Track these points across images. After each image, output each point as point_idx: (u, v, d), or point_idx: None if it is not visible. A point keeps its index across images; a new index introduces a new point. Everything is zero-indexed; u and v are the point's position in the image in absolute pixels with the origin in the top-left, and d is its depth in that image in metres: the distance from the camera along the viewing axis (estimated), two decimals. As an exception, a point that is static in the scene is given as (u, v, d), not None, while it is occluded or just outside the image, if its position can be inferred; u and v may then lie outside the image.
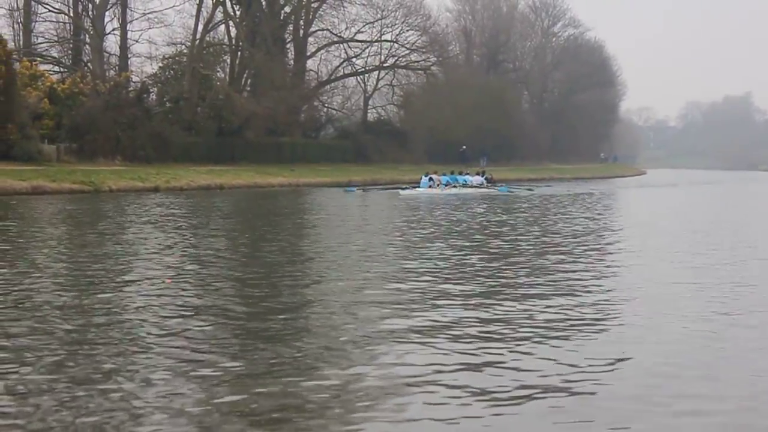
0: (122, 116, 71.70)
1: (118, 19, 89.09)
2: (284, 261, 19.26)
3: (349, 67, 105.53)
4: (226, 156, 77.69)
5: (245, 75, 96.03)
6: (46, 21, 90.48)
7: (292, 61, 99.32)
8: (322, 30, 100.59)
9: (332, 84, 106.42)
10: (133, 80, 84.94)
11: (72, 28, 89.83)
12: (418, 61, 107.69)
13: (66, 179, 53.39)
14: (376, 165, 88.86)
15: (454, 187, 63.21)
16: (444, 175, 65.55)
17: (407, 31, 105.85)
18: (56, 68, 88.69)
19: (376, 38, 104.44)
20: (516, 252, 21.95)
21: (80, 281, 15.67)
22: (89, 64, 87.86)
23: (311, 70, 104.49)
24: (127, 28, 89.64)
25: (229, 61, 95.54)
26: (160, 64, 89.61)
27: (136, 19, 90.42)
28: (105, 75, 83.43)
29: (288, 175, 73.81)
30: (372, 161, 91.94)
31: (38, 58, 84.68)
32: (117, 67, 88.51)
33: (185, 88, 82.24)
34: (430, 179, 61.81)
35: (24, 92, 68.01)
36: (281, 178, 71.83)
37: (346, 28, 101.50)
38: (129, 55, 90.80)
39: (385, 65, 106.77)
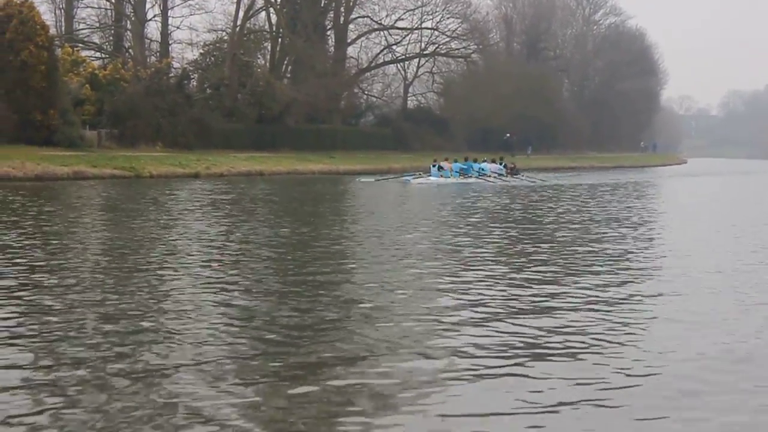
0: (163, 102, 71.90)
1: (160, 5, 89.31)
2: (337, 247, 19.15)
3: (390, 55, 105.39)
4: (266, 142, 77.72)
5: (285, 62, 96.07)
6: (87, 7, 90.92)
7: (332, 48, 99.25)
8: (363, 17, 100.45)
9: (372, 71, 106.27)
10: (174, 66, 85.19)
11: (113, 14, 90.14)
12: (458, 49, 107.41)
13: (107, 165, 53.56)
14: (415, 152, 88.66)
15: (469, 176, 58.36)
16: (456, 161, 60.72)
17: (448, 18, 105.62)
18: (98, 54, 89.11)
19: (416, 25, 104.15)
20: (574, 241, 21.74)
21: (129, 265, 15.61)
22: (130, 50, 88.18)
23: (351, 57, 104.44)
24: (169, 15, 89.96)
25: (269, 47, 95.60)
26: (201, 51, 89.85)
27: (177, 5, 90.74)
28: (146, 61, 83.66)
29: (328, 162, 73.81)
30: (412, 149, 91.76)
31: (80, 45, 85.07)
32: (158, 54, 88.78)
33: (226, 74, 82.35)
34: (439, 168, 57.45)
35: (66, 78, 68.29)
36: (321, 165, 71.83)
37: (386, 15, 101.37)
38: (170, 42, 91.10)
39: (425, 53, 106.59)
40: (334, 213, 30.60)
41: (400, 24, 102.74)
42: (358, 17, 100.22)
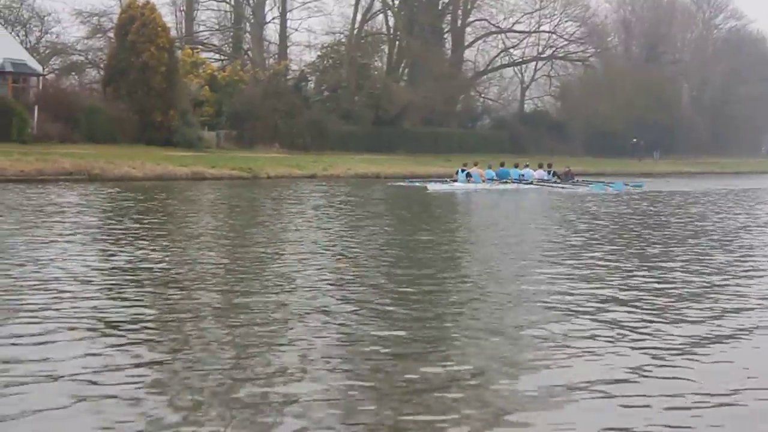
0: (281, 104, 72.55)
1: (279, 7, 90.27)
2: (457, 252, 18.93)
3: (507, 58, 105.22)
4: (382, 145, 77.96)
5: (403, 64, 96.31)
6: (207, 9, 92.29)
7: (449, 51, 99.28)
8: (480, 20, 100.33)
9: (489, 74, 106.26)
10: (292, 69, 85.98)
11: (233, 16, 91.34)
12: (576, 52, 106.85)
13: (225, 165, 53.99)
14: (531, 156, 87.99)
15: (505, 182, 50.59)
16: (489, 168, 52.48)
17: (566, 21, 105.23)
18: (217, 56, 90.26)
19: (534, 29, 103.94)
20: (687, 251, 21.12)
21: (249, 265, 15.60)
22: (249, 52, 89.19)
23: (468, 60, 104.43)
24: (287, 17, 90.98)
25: (386, 50, 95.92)
26: (319, 53, 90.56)
27: (296, 8, 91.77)
28: (264, 63, 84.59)
29: (444, 164, 73.60)
30: (528, 152, 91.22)
31: (200, 46, 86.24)
32: (276, 56, 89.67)
33: (343, 76, 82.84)
34: (468, 175, 49.50)
35: (185, 80, 69.23)
36: (438, 168, 71.53)
37: (504, 19, 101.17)
38: (288, 44, 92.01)
39: (542, 56, 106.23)
40: (450, 218, 30.33)
41: (517, 27, 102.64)
42: (476, 20, 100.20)
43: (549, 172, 54.55)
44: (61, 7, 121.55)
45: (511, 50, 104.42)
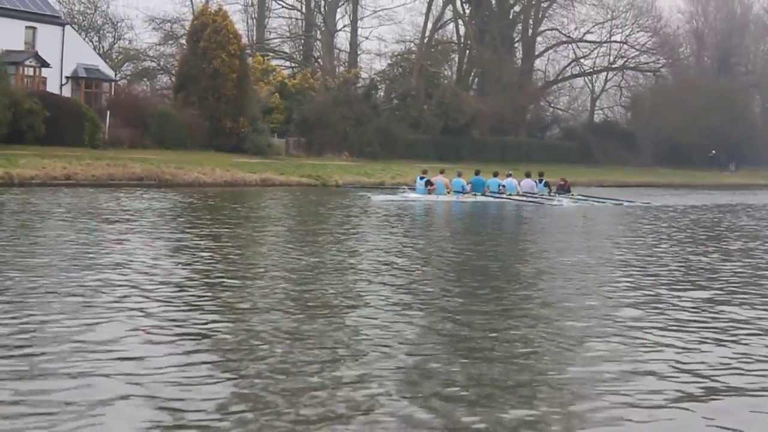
0: (350, 112, 72.85)
1: (349, 15, 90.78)
2: (527, 266, 18.81)
3: (577, 68, 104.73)
4: (450, 153, 77.91)
5: (472, 73, 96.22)
6: (278, 17, 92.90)
7: (519, 61, 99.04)
8: (551, 29, 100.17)
9: (559, 84, 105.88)
10: (362, 77, 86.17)
11: (304, 24, 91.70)
12: (647, 63, 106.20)
13: (294, 173, 54.16)
14: (601, 166, 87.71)
15: (478, 194, 42.49)
16: (459, 177, 44.00)
17: (638, 32, 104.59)
18: (287, 63, 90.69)
19: (605, 39, 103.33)
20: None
21: (327, 270, 15.62)
22: (319, 60, 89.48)
23: (538, 69, 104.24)
24: (358, 25, 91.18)
25: (456, 59, 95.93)
26: (389, 61, 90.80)
27: (367, 16, 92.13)
28: (335, 71, 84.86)
29: (512, 174, 73.46)
30: (597, 163, 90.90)
31: (270, 54, 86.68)
32: (346, 64, 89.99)
33: (413, 85, 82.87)
34: (428, 183, 41.36)
35: (256, 87, 69.67)
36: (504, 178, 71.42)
37: (575, 29, 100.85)
38: (358, 52, 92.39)
39: (613, 66, 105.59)
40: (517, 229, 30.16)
41: (588, 37, 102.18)
42: (546, 30, 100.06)
43: (540, 182, 46.74)
44: (135, 13, 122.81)
45: (582, 60, 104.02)
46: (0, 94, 47.23)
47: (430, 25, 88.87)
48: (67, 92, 61.54)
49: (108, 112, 56.89)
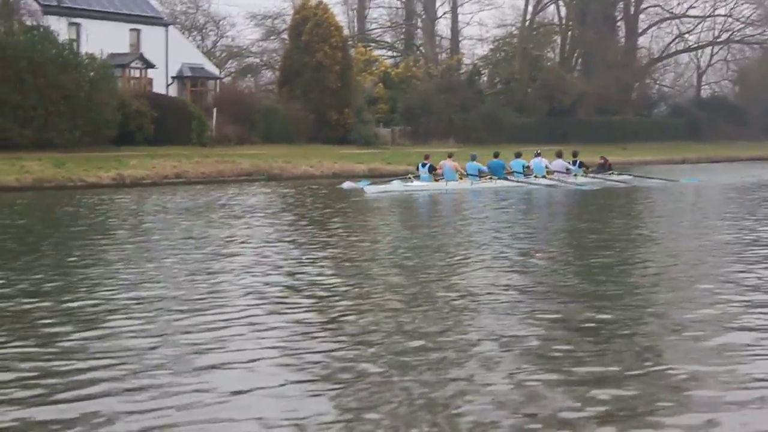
0: (455, 99, 72.81)
1: (450, 2, 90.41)
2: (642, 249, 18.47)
3: (682, 43, 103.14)
4: (557, 135, 77.24)
5: (575, 54, 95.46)
6: (379, 7, 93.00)
7: (622, 39, 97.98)
8: (654, 6, 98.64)
9: (664, 61, 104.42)
10: (465, 63, 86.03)
11: (404, 13, 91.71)
12: (753, 35, 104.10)
13: (402, 161, 53.92)
14: (710, 143, 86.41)
15: (496, 179, 36.07)
16: (473, 160, 36.71)
17: (742, 4, 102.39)
18: (389, 53, 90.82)
19: (709, 13, 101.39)
20: None
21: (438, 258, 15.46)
22: (421, 48, 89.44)
23: (642, 47, 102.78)
24: (458, 11, 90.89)
25: (558, 41, 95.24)
26: (491, 46, 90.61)
27: (467, 2, 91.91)
28: (437, 58, 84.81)
29: (621, 153, 72.57)
30: (706, 139, 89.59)
31: (372, 44, 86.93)
32: (448, 50, 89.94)
33: (516, 69, 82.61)
34: (430, 168, 35.40)
35: (359, 78, 69.88)
36: (615, 157, 70.63)
37: (678, 4, 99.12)
38: (460, 38, 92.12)
39: (718, 40, 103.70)
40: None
41: (692, 12, 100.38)
42: (649, 6, 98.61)
43: (574, 162, 40.38)
44: (236, 11, 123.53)
45: (686, 36, 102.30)
46: (108, 97, 47.80)
47: (530, 8, 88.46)
48: (173, 92, 62.17)
49: (214, 110, 57.44)
